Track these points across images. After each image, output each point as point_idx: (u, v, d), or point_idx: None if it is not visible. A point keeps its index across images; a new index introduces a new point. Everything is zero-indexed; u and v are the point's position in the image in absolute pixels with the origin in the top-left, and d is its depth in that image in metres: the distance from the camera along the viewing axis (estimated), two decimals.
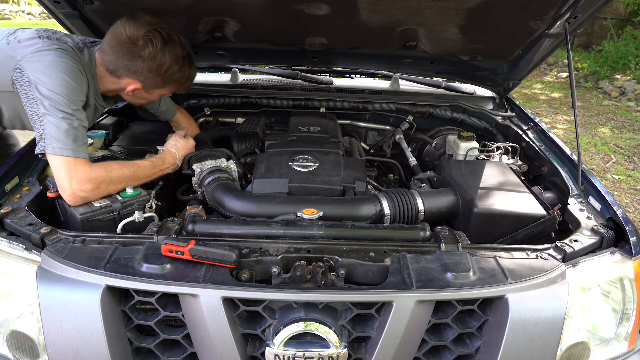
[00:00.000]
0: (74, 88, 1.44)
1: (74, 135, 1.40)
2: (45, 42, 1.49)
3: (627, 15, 10.30)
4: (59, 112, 1.39)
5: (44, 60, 1.43)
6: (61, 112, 1.39)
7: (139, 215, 1.41)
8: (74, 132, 1.41)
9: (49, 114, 1.39)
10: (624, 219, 1.39)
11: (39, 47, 1.47)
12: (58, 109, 1.39)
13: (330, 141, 1.99)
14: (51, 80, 1.40)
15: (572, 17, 1.78)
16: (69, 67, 1.45)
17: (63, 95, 1.40)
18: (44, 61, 1.43)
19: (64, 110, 1.40)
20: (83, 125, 1.46)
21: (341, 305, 1.16)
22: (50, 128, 1.38)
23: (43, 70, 1.42)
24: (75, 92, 1.45)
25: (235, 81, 2.64)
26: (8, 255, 1.23)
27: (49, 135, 1.38)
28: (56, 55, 1.45)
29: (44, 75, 1.41)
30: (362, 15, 1.86)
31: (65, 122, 1.39)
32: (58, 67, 1.43)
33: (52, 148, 1.38)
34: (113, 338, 1.12)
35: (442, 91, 2.62)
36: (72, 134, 1.40)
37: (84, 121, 1.47)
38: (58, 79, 1.41)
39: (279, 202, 1.50)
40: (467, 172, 1.75)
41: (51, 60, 1.44)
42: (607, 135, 5.94)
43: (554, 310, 1.18)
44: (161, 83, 1.61)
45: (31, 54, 1.45)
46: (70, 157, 1.39)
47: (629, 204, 4.16)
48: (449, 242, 1.30)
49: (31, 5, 15.68)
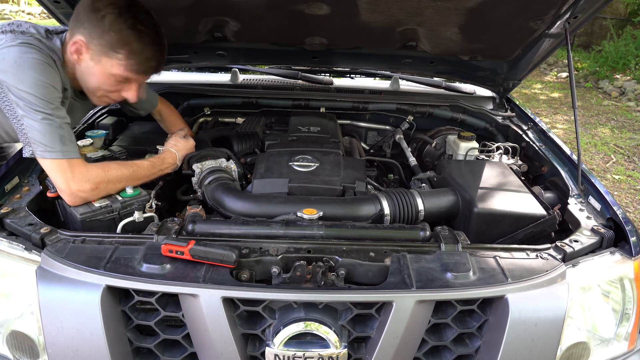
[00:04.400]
0: (46, 85, 1.34)
1: (59, 135, 1.34)
2: (8, 37, 1.37)
3: (627, 15, 10.30)
4: (37, 113, 1.32)
5: (9, 59, 1.33)
6: (39, 114, 1.32)
7: (139, 215, 1.41)
8: (58, 133, 1.34)
9: (27, 116, 1.32)
10: (624, 219, 1.39)
11: (2, 43, 1.36)
12: (35, 110, 1.32)
13: (330, 141, 1.99)
14: (20, 80, 1.31)
15: (572, 17, 1.78)
16: (36, 62, 1.35)
17: (37, 95, 1.32)
18: (9, 59, 1.33)
19: (41, 111, 1.32)
20: (66, 122, 1.38)
21: (341, 305, 1.16)
22: (32, 132, 1.33)
23: (10, 69, 1.32)
24: (49, 90, 1.35)
25: (235, 81, 2.64)
26: (8, 255, 1.23)
27: (33, 139, 1.33)
28: (21, 52, 1.34)
29: (12, 75, 1.32)
30: (362, 15, 1.86)
31: (46, 124, 1.32)
32: (26, 65, 1.33)
33: (40, 152, 1.34)
34: (113, 338, 1.12)
35: (442, 91, 2.61)
36: (56, 135, 1.33)
37: (65, 118, 1.39)
38: (28, 77, 1.32)
39: (279, 202, 1.50)
40: (467, 172, 1.75)
41: (16, 57, 1.33)
42: (607, 135, 5.94)
43: (554, 310, 1.18)
44: (108, 45, 1.39)
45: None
46: (62, 159, 1.35)
47: (629, 204, 4.16)
48: (449, 242, 1.30)
49: (31, 5, 15.67)
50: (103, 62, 1.43)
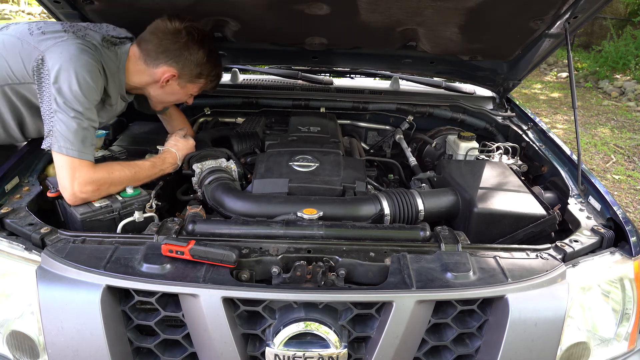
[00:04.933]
0: (89, 87, 1.43)
1: (82, 136, 1.40)
2: (71, 37, 1.49)
3: (627, 15, 10.31)
4: (71, 110, 1.39)
5: (66, 55, 1.42)
6: (73, 111, 1.39)
7: (139, 215, 1.41)
8: (82, 133, 1.40)
9: (60, 111, 1.38)
10: (624, 219, 1.39)
11: (63, 40, 1.46)
12: (70, 107, 1.39)
13: (330, 141, 1.99)
14: (68, 75, 1.39)
15: (572, 17, 1.78)
16: (88, 64, 1.44)
17: (78, 93, 1.40)
18: (65, 55, 1.42)
19: (75, 108, 1.39)
20: (93, 125, 1.46)
21: (341, 305, 1.16)
22: (59, 126, 1.38)
23: (63, 64, 1.40)
24: (91, 91, 1.44)
25: (235, 81, 2.64)
26: (8, 255, 1.23)
27: (57, 133, 1.39)
28: (78, 50, 1.44)
29: (63, 69, 1.40)
30: (362, 15, 1.86)
31: (75, 122, 1.39)
32: (79, 63, 1.42)
33: (58, 146, 1.38)
34: (113, 338, 1.12)
35: (442, 91, 2.62)
36: (80, 134, 1.40)
37: (95, 121, 1.47)
38: (75, 75, 1.40)
39: (279, 202, 1.50)
40: (467, 172, 1.75)
41: (72, 55, 1.42)
42: (607, 135, 5.94)
43: (554, 310, 1.18)
44: (196, 75, 1.67)
45: (54, 46, 1.44)
46: (76, 158, 1.39)
47: (629, 204, 4.16)
48: (449, 242, 1.30)
49: (31, 5, 15.65)
50: (188, 87, 1.72)
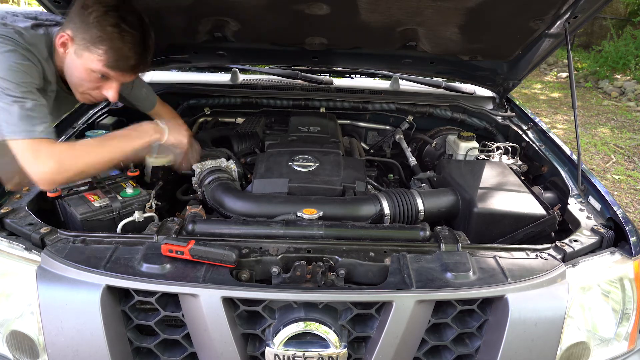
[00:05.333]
0: (18, 70, 1.35)
1: (27, 116, 1.32)
2: None
3: (627, 15, 10.30)
4: (7, 97, 1.31)
5: None
6: (10, 97, 1.31)
7: (139, 215, 1.41)
8: (26, 114, 1.32)
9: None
10: (624, 219, 1.39)
11: None
12: (6, 95, 1.31)
13: (330, 141, 1.99)
14: None
15: (572, 17, 1.78)
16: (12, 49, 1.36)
17: (9, 79, 1.32)
18: None
19: (12, 95, 1.32)
20: (40, 104, 1.37)
21: (341, 305, 1.16)
22: (2, 115, 1.31)
23: None
24: (21, 74, 1.35)
25: (235, 81, 2.64)
26: (8, 255, 1.23)
27: (3, 123, 1.31)
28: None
29: None
30: (362, 15, 1.86)
31: (17, 106, 1.31)
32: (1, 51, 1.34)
33: (9, 134, 1.31)
34: (113, 338, 1.12)
35: (442, 91, 2.61)
36: (24, 115, 1.31)
37: (38, 100, 1.37)
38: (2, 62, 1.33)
39: (279, 202, 1.50)
40: (467, 172, 1.75)
41: None
42: (607, 135, 5.94)
43: (553, 310, 1.18)
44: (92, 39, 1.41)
45: None
46: (27, 140, 1.31)
47: (629, 204, 4.17)
48: (449, 242, 1.30)
49: (31, 5, 15.67)
50: (85, 57, 1.44)
